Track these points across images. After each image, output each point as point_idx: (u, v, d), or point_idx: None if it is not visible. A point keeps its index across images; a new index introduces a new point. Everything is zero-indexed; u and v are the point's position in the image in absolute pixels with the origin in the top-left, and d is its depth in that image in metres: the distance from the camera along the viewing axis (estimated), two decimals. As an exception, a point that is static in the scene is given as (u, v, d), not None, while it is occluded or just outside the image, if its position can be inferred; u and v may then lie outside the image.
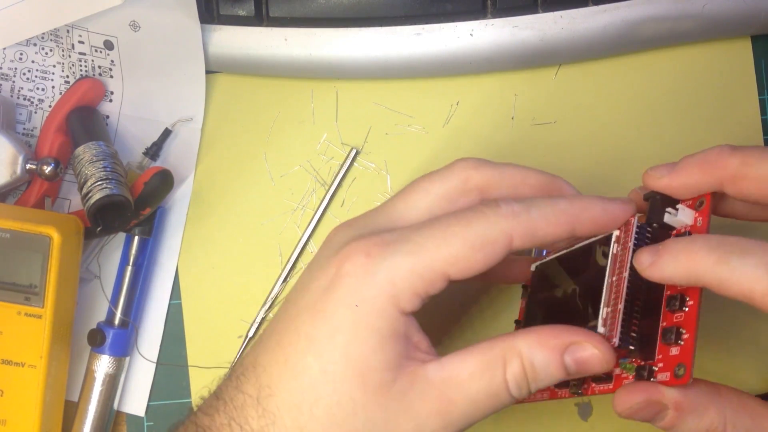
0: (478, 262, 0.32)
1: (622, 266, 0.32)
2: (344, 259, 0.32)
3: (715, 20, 0.44)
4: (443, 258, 0.32)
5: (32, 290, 0.42)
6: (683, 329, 0.30)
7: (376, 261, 0.32)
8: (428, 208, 0.35)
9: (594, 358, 0.31)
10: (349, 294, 0.32)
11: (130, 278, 0.46)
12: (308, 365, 0.31)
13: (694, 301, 0.30)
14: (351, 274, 0.32)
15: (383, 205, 0.36)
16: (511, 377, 0.31)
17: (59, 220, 0.43)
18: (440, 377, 0.31)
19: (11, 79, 0.47)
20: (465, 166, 0.35)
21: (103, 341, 0.45)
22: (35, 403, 0.42)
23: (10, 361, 0.42)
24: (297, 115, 0.48)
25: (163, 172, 0.44)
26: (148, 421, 0.47)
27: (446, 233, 0.32)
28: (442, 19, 0.45)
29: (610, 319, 0.31)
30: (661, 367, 0.30)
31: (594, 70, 0.47)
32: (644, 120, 0.46)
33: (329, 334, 0.31)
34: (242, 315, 0.47)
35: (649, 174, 0.34)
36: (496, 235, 0.32)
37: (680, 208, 0.33)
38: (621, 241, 0.33)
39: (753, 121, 0.46)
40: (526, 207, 0.33)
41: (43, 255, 0.41)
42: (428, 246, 0.32)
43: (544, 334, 0.32)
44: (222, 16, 0.46)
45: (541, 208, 0.33)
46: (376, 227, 0.34)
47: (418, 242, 0.32)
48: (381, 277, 0.31)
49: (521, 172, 0.36)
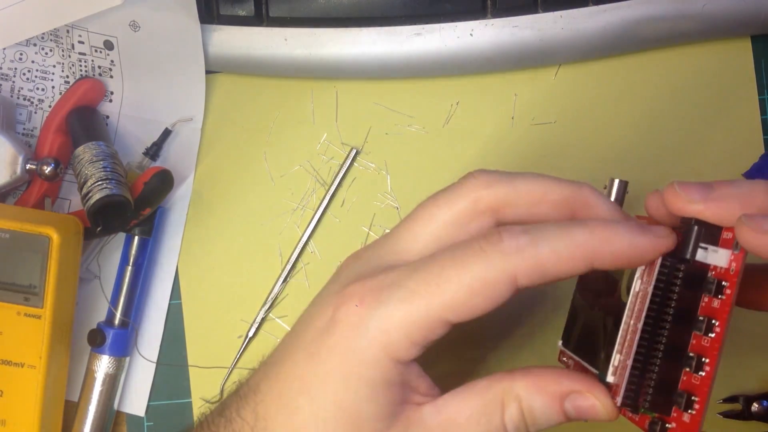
0: (478, 306, 0.29)
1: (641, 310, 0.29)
2: (340, 304, 0.31)
3: (714, 20, 0.44)
4: (439, 305, 0.29)
5: (32, 290, 0.42)
6: (695, 396, 0.28)
7: (368, 310, 0.30)
8: (435, 236, 0.32)
9: (596, 409, 0.30)
10: (341, 342, 0.30)
11: (130, 278, 0.46)
12: (300, 406, 0.31)
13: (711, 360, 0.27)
14: (344, 322, 0.31)
15: (390, 235, 0.33)
16: (509, 421, 0.30)
17: (59, 221, 0.43)
18: (437, 422, 0.30)
19: (11, 79, 0.47)
20: (475, 185, 0.32)
21: (103, 341, 0.45)
22: (35, 404, 0.42)
23: (10, 362, 0.42)
24: (297, 115, 0.48)
25: (163, 172, 0.44)
26: (148, 421, 0.47)
27: (441, 277, 0.29)
28: (442, 19, 0.45)
29: (621, 369, 0.29)
30: (673, 427, 0.28)
31: (594, 70, 0.47)
32: (644, 120, 0.46)
33: (322, 379, 0.31)
34: (242, 315, 0.47)
35: (678, 194, 0.29)
36: (496, 277, 0.29)
37: (716, 250, 0.28)
38: (645, 279, 0.29)
39: (753, 121, 0.46)
40: (534, 240, 0.29)
41: (43, 255, 0.41)
42: (422, 293, 0.30)
43: (544, 379, 0.30)
44: (222, 16, 0.46)
45: (551, 241, 0.29)
46: (380, 264, 0.32)
47: (411, 288, 0.30)
48: (373, 327, 0.30)
49: (541, 186, 0.32)
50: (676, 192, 0.29)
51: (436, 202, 0.33)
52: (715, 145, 0.46)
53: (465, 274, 0.29)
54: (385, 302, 0.30)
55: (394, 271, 0.31)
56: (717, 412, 0.44)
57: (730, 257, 0.28)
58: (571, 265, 0.29)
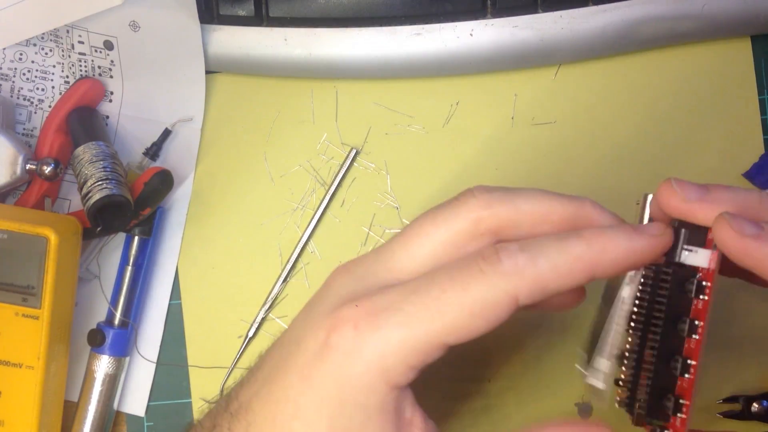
0: (479, 328, 0.29)
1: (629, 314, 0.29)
2: (334, 327, 0.30)
3: (714, 20, 0.44)
4: (439, 329, 0.29)
5: (29, 291, 0.42)
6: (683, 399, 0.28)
7: (364, 335, 0.29)
8: (431, 256, 0.32)
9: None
10: (336, 369, 0.30)
11: (130, 278, 0.46)
12: (294, 429, 0.30)
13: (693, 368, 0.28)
14: (339, 347, 0.30)
15: (384, 250, 0.33)
16: None
17: (57, 221, 0.43)
18: None
19: (11, 79, 0.47)
20: (475, 205, 0.31)
21: (103, 341, 0.45)
22: (33, 404, 0.42)
23: (8, 362, 0.42)
24: (297, 115, 0.48)
25: (163, 172, 0.44)
26: (148, 422, 0.47)
27: (440, 300, 0.29)
28: (442, 19, 0.45)
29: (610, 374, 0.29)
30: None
31: (594, 70, 0.47)
32: (644, 120, 0.46)
33: (316, 405, 0.30)
34: (242, 315, 0.47)
35: (675, 191, 0.29)
36: (497, 298, 0.29)
37: (697, 250, 0.28)
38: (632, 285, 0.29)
39: (753, 121, 0.46)
40: (533, 258, 0.29)
41: (40, 256, 0.41)
42: (421, 317, 0.29)
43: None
44: (222, 16, 0.46)
45: (550, 256, 0.29)
46: (374, 282, 0.32)
47: (410, 312, 0.29)
48: (369, 352, 0.29)
49: (542, 206, 0.31)
50: (672, 189, 0.29)
51: (434, 221, 0.32)
52: (715, 145, 0.46)
53: (465, 297, 0.29)
54: (382, 327, 0.29)
55: (390, 292, 0.30)
56: (717, 413, 0.44)
57: (710, 257, 0.28)
58: (571, 279, 0.29)
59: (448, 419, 0.45)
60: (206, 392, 0.47)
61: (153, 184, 0.43)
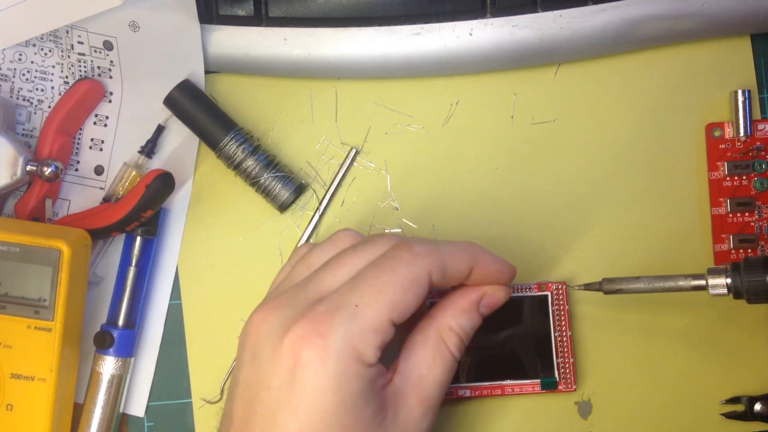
0: (411, 302, 0.36)
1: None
2: (298, 347, 0.34)
3: (714, 19, 0.44)
4: (385, 308, 0.35)
5: (42, 304, 0.42)
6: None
7: (330, 336, 0.34)
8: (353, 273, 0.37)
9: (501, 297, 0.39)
10: (321, 378, 0.34)
11: (134, 279, 0.46)
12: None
13: None
14: (312, 359, 0.34)
15: (309, 280, 0.37)
16: (453, 347, 0.38)
17: (68, 234, 0.43)
18: (410, 385, 0.36)
19: (11, 79, 0.47)
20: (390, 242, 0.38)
21: (111, 343, 0.45)
22: (45, 417, 0.42)
23: (20, 375, 0.42)
24: (296, 115, 0.48)
25: (164, 174, 0.44)
26: (148, 422, 0.47)
27: (377, 285, 0.35)
28: (442, 19, 0.45)
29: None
30: None
31: (593, 69, 0.47)
32: (643, 119, 0.46)
33: (321, 418, 0.34)
34: (242, 315, 0.46)
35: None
36: (418, 273, 0.36)
37: None
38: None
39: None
40: (435, 245, 0.37)
41: (53, 268, 0.41)
42: (368, 302, 0.35)
43: (461, 302, 0.38)
44: (221, 16, 0.46)
45: (447, 246, 0.38)
46: (309, 303, 0.36)
47: (358, 302, 0.35)
48: (341, 348, 0.34)
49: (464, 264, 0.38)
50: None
51: (355, 253, 0.37)
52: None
53: (395, 276, 0.35)
54: (341, 323, 0.34)
55: (331, 297, 0.35)
56: (719, 413, 0.44)
57: None
58: (461, 266, 0.37)
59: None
60: (206, 392, 0.47)
61: (154, 187, 0.43)
